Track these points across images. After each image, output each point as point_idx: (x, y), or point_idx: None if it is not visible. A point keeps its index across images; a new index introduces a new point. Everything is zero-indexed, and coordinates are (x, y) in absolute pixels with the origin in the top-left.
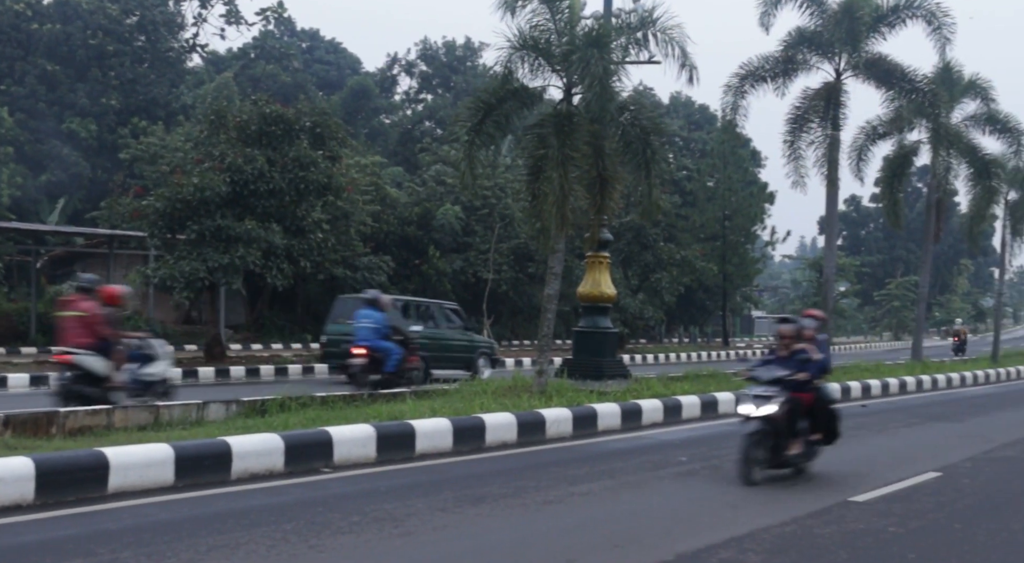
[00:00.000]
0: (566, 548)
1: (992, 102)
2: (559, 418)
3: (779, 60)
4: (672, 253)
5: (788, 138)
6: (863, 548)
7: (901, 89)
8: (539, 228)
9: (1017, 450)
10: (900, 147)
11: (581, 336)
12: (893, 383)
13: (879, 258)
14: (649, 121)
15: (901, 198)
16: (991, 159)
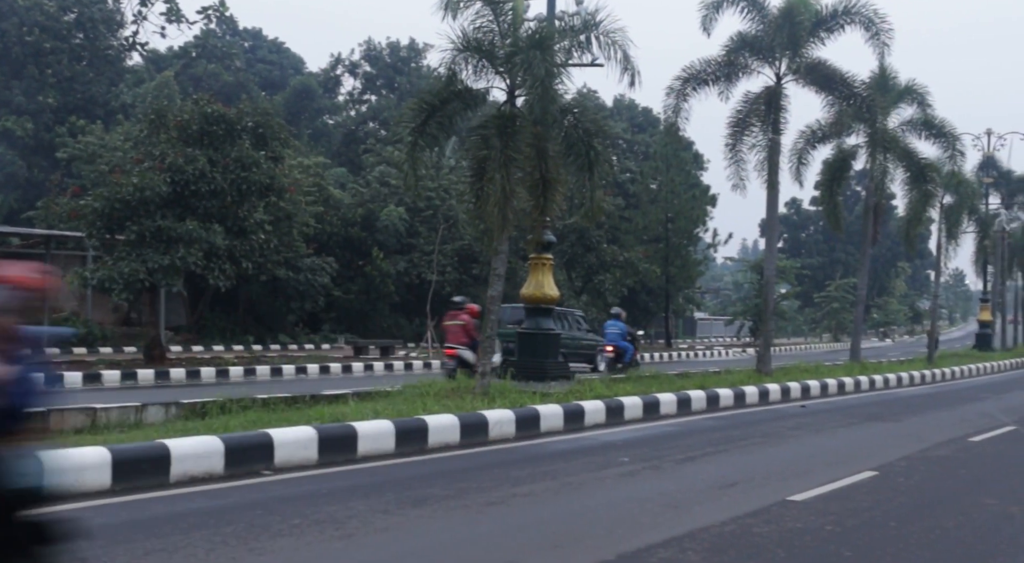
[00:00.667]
0: (508, 549)
1: (928, 108)
2: (502, 419)
3: (721, 64)
4: (615, 255)
5: (730, 141)
6: (801, 547)
7: (840, 94)
8: (482, 229)
9: (951, 449)
10: (839, 151)
11: (524, 337)
12: (832, 384)
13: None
14: (592, 123)
15: (840, 201)
16: (927, 163)
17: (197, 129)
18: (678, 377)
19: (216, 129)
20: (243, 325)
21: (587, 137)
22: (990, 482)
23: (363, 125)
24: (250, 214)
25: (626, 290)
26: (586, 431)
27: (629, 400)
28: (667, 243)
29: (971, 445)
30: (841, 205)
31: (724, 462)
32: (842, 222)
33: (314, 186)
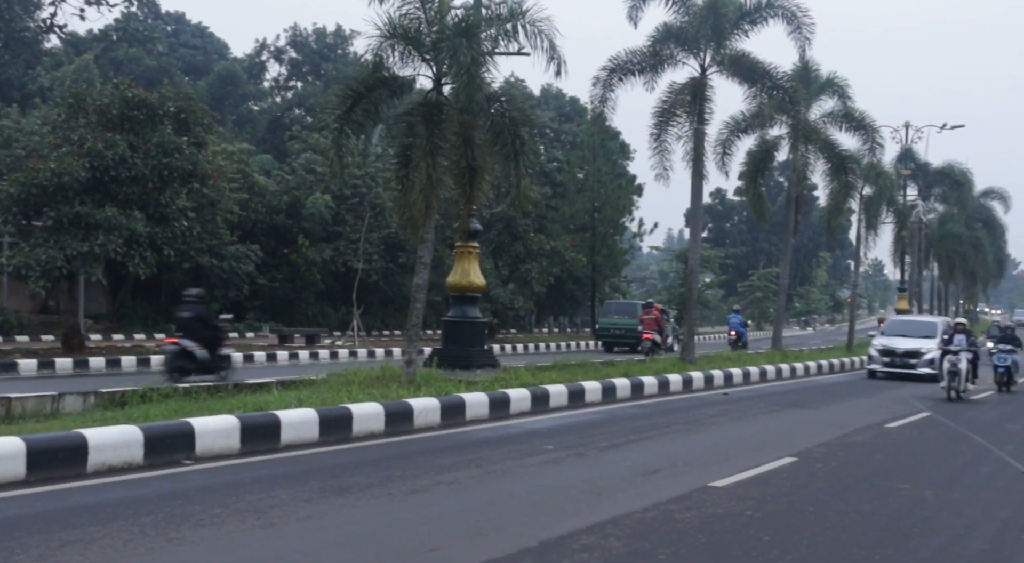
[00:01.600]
0: (431, 537)
1: (848, 100)
2: (427, 407)
3: (647, 54)
4: (542, 244)
5: (655, 131)
6: (721, 532)
7: (763, 86)
8: (409, 217)
9: (868, 436)
10: (763, 142)
11: (450, 326)
12: (754, 372)
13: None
14: (519, 112)
15: (764, 192)
16: (847, 155)
17: (117, 114)
18: (604, 365)
19: (137, 114)
20: (165, 313)
21: (513, 126)
22: (905, 467)
23: (288, 112)
24: (172, 201)
25: (552, 279)
26: (512, 419)
27: (555, 388)
28: (593, 232)
29: (887, 431)
30: (764, 195)
31: (647, 449)
32: (765, 212)
33: (238, 173)
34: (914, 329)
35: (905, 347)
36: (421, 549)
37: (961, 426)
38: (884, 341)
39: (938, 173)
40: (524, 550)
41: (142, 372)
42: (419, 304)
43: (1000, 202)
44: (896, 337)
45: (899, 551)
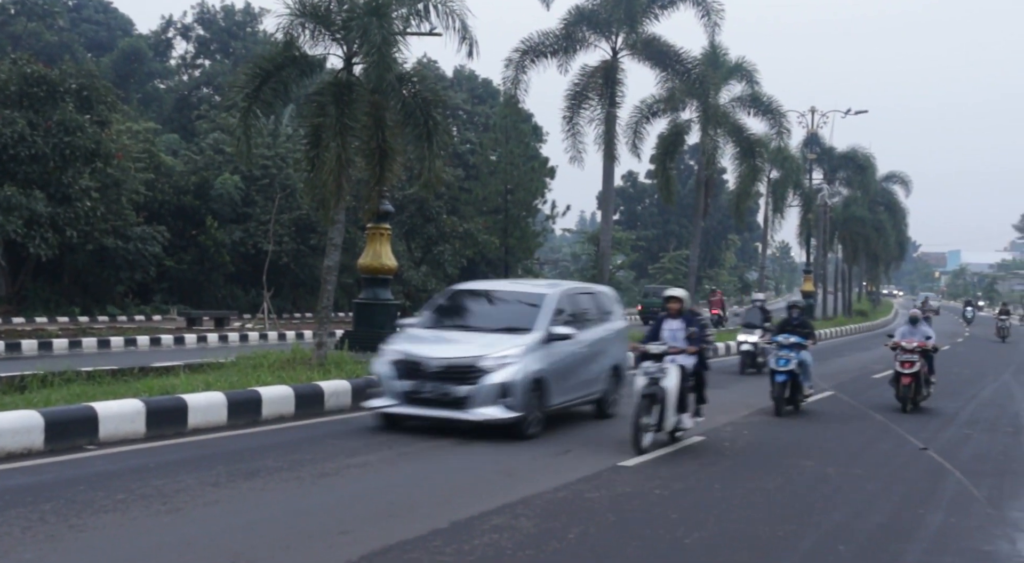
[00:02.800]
0: (341, 520)
1: (756, 85)
2: (338, 390)
3: (560, 37)
4: (455, 226)
5: (567, 114)
6: (630, 510)
7: (674, 70)
8: (319, 199)
9: (773, 414)
10: (673, 125)
11: (362, 308)
12: None
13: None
14: (431, 93)
15: (674, 175)
16: (755, 139)
17: (16, 90)
18: None
19: (37, 91)
20: (68, 296)
21: (425, 107)
22: (808, 444)
23: (196, 90)
24: (75, 180)
25: (465, 261)
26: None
27: None
28: (506, 214)
29: (792, 409)
30: (675, 178)
31: (559, 430)
32: (675, 195)
33: (144, 152)
34: (486, 316)
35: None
36: (331, 532)
37: (862, 404)
38: (405, 347)
39: (843, 157)
40: (434, 531)
41: (43, 356)
42: (330, 286)
43: (901, 186)
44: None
45: (802, 526)
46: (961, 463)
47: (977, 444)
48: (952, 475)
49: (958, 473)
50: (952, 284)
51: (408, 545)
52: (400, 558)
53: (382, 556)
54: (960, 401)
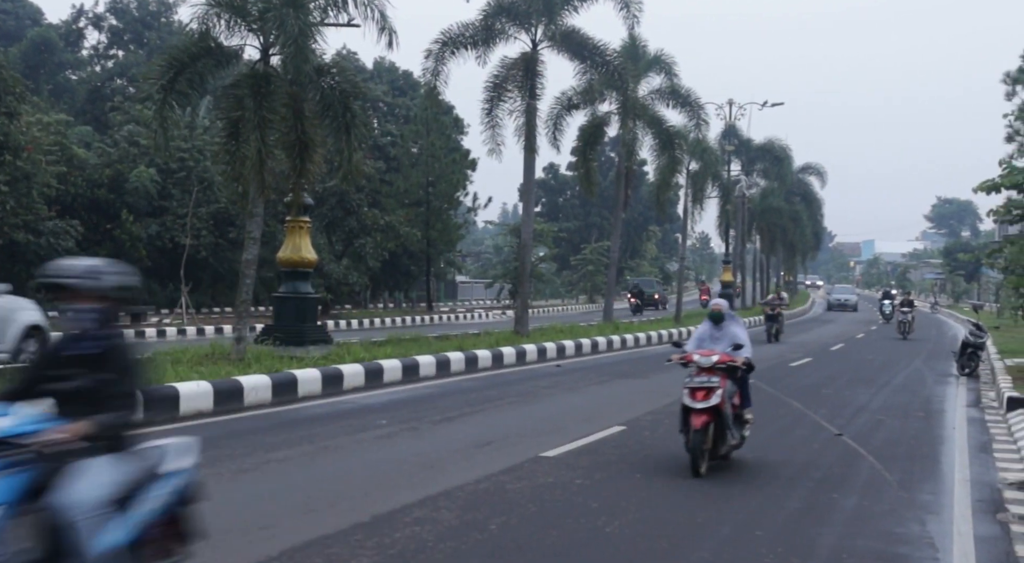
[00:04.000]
0: (261, 515)
1: (675, 77)
2: (257, 385)
3: (479, 28)
4: (376, 218)
5: (487, 106)
6: (551, 500)
7: (593, 62)
8: (238, 192)
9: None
10: (593, 117)
11: (281, 302)
12: (586, 343)
13: (576, 224)
14: (350, 85)
15: (595, 167)
16: (675, 131)
17: None
18: (438, 339)
19: None
20: None
21: (344, 98)
22: None
23: (109, 82)
24: None
25: (387, 254)
26: (345, 395)
27: (388, 363)
28: (428, 207)
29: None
30: (596, 170)
31: (481, 422)
32: (596, 187)
33: (55, 145)
34: None
35: None
36: (251, 528)
37: (779, 392)
38: None
39: (760, 149)
40: (356, 525)
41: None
42: (249, 280)
43: (817, 177)
44: None
45: (720, 512)
46: (874, 448)
47: (890, 429)
48: (866, 460)
49: (871, 458)
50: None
51: (329, 539)
52: (321, 552)
53: (302, 551)
54: (874, 388)
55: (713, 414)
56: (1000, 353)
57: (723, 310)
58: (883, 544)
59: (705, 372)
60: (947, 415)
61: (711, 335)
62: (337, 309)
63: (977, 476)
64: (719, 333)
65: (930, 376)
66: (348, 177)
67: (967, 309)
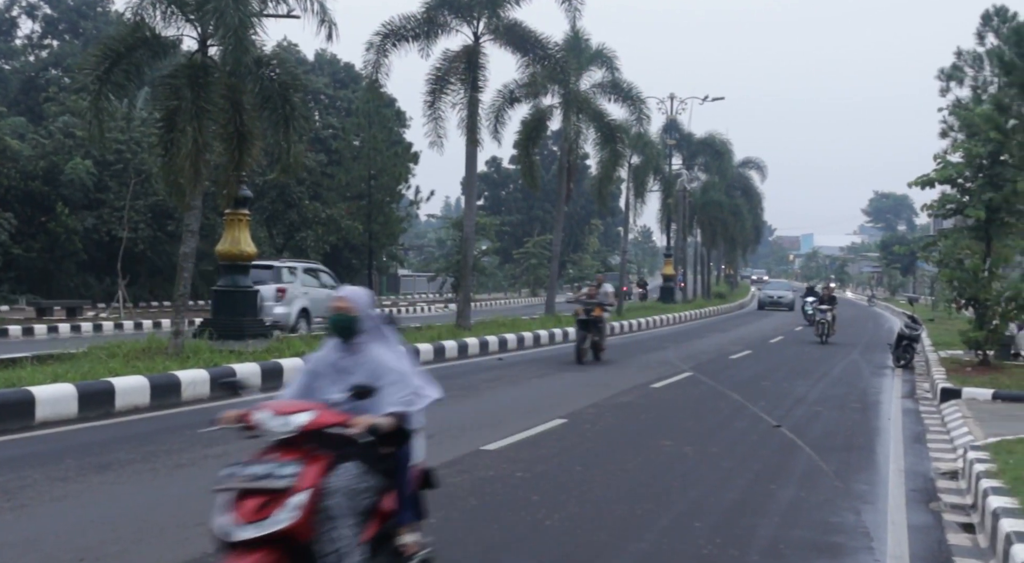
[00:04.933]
0: (197, 511)
1: (617, 71)
2: (196, 380)
3: (421, 21)
4: (317, 211)
5: (429, 99)
6: (492, 494)
7: (536, 55)
8: (175, 184)
9: (634, 396)
10: (536, 111)
11: (221, 295)
12: (528, 337)
13: (518, 218)
14: (289, 76)
15: (537, 160)
16: (616, 125)
17: None
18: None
19: None
20: None
21: (284, 90)
22: (668, 425)
23: (44, 72)
24: None
25: (328, 247)
26: (285, 389)
27: None
28: (370, 200)
29: (652, 391)
30: (538, 164)
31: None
32: (538, 180)
33: None
34: None
35: None
36: (185, 524)
37: (719, 384)
38: None
39: (701, 143)
40: None
41: None
42: (187, 273)
43: (757, 172)
44: None
45: (660, 504)
46: (812, 439)
47: (827, 421)
48: (803, 451)
49: (808, 449)
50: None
51: None
52: None
53: None
54: (812, 380)
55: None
56: (935, 345)
57: (356, 312)
58: (819, 534)
59: (279, 450)
60: (883, 406)
61: (335, 366)
62: None
63: (911, 466)
64: (348, 362)
65: (867, 368)
66: (288, 170)
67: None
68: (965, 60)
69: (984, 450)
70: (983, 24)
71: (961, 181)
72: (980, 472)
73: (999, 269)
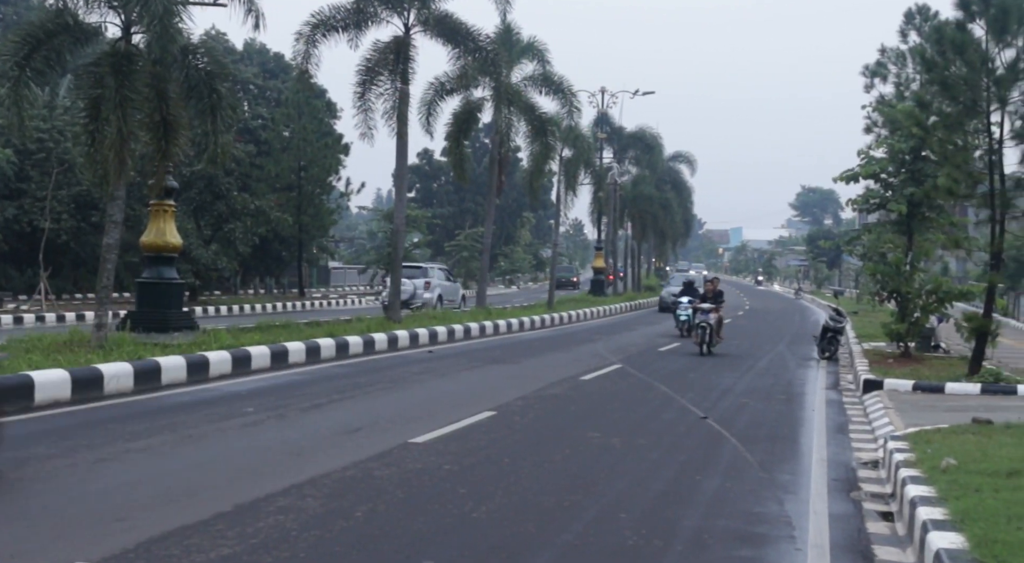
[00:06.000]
0: (117, 507)
1: (548, 65)
2: (119, 373)
3: (351, 11)
4: (246, 203)
5: (359, 90)
6: (419, 486)
7: (466, 47)
8: (100, 174)
9: (563, 388)
10: (467, 103)
11: (145, 287)
12: (459, 329)
13: (450, 210)
14: (216, 65)
15: (469, 153)
16: (548, 118)
17: None
18: (308, 326)
19: None
20: None
21: (210, 79)
22: (596, 417)
23: None
24: None
25: (258, 239)
26: (211, 382)
27: (256, 350)
28: (300, 191)
29: (581, 383)
30: (469, 156)
31: (350, 408)
32: (470, 173)
33: None
34: None
35: None
36: (106, 520)
37: (648, 376)
38: None
39: (632, 137)
40: (218, 515)
41: None
42: (110, 265)
43: (687, 165)
44: None
45: (587, 496)
46: (737, 430)
47: (753, 412)
48: (729, 442)
49: (734, 440)
50: (734, 260)
51: (189, 530)
52: (180, 544)
53: (160, 543)
54: (738, 371)
55: None
56: (859, 337)
57: None
58: (743, 524)
59: None
60: (807, 398)
61: None
62: (206, 295)
63: (834, 456)
64: None
65: (792, 360)
66: (215, 160)
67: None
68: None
69: (903, 440)
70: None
71: (884, 176)
72: (899, 461)
73: (920, 263)
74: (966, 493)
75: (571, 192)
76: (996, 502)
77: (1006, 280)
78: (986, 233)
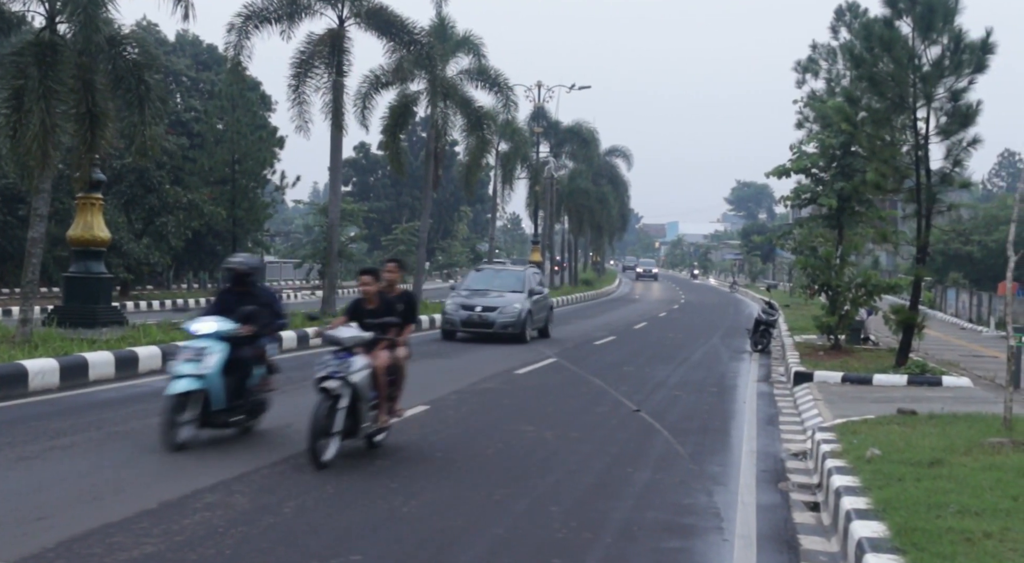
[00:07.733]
0: (39, 505)
1: (483, 58)
2: (44, 369)
3: (284, 2)
4: (179, 196)
5: (293, 83)
6: (348, 481)
7: (401, 40)
8: (24, 166)
9: (498, 382)
10: (402, 96)
11: (72, 282)
12: None
13: (387, 204)
14: (144, 56)
15: (405, 146)
16: (484, 112)
17: None
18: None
19: None
20: None
21: (138, 70)
22: (530, 410)
23: None
24: None
25: (191, 233)
26: (141, 378)
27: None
28: (234, 185)
29: (516, 377)
30: (406, 150)
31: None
32: (406, 166)
33: None
34: None
35: None
36: (26, 518)
37: (583, 370)
38: None
39: (568, 131)
40: (142, 512)
41: None
42: (36, 259)
43: (623, 160)
44: None
45: (519, 489)
46: (669, 423)
47: (685, 404)
48: (661, 434)
49: (666, 432)
50: (671, 254)
51: (112, 528)
52: (102, 542)
53: (82, 541)
54: (672, 364)
55: None
56: (791, 330)
57: None
58: (672, 515)
59: None
60: (739, 390)
61: None
62: (138, 290)
63: (763, 447)
64: None
65: (725, 353)
66: (144, 152)
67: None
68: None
69: (831, 431)
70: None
71: (815, 171)
72: (826, 452)
73: (850, 257)
74: (889, 483)
75: (508, 186)
76: (917, 491)
77: (932, 273)
78: (913, 227)
